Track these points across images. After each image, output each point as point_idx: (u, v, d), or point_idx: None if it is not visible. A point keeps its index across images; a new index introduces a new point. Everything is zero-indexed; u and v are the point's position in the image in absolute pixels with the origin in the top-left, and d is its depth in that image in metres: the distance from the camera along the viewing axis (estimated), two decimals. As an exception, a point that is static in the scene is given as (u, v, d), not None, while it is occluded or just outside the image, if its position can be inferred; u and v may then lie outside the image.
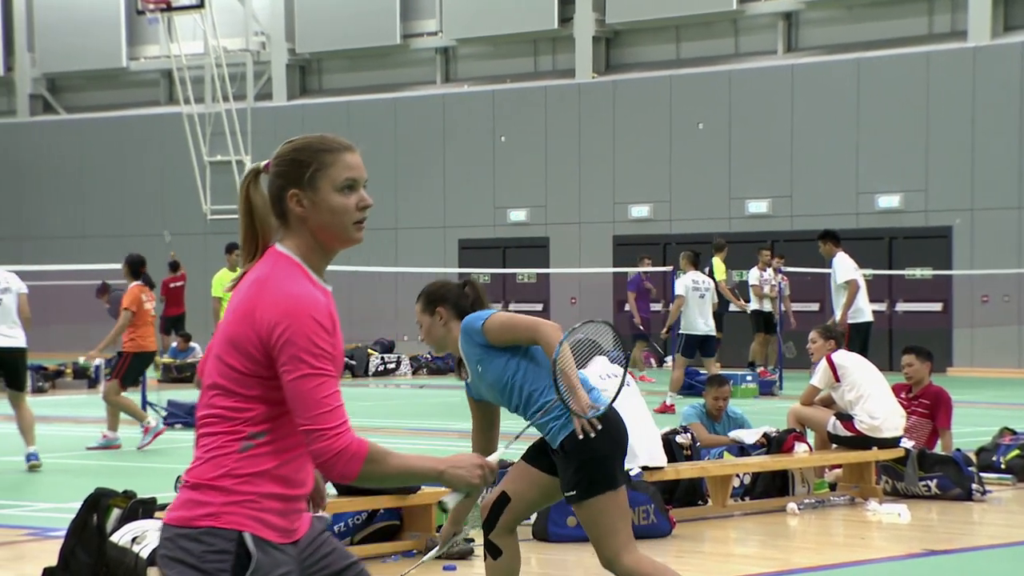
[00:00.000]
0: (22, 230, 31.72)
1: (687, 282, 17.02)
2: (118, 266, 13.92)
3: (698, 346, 17.01)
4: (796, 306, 22.38)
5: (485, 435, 5.48)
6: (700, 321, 16.90)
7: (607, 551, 5.26)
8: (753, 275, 21.52)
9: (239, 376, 3.15)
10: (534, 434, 5.30)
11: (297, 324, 3.10)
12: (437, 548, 5.05)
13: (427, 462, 3.24)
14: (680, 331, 17.03)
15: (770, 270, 21.44)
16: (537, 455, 5.51)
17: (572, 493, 5.26)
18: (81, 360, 20.08)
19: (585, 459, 5.22)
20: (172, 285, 24.78)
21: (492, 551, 5.52)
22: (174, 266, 24.33)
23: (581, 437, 5.09)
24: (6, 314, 11.73)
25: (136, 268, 13.33)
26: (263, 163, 3.32)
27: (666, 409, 15.98)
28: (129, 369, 13.16)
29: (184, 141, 29.53)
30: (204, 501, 3.12)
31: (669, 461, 8.87)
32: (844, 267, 15.60)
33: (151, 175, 31.15)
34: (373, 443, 3.19)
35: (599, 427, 5.06)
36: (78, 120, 32.63)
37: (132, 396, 13.84)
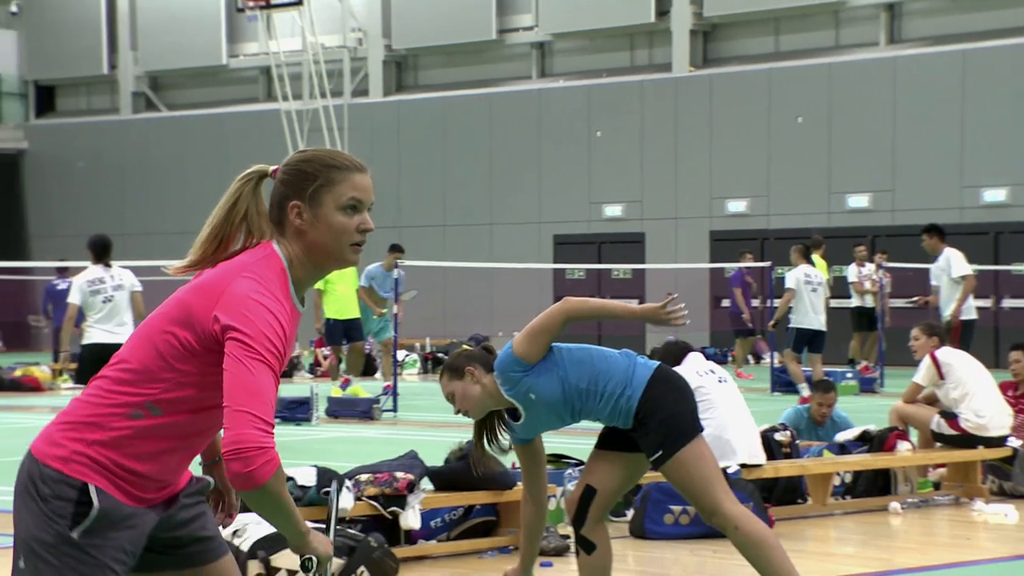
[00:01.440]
0: (126, 227, 32.23)
1: (799, 275, 16.77)
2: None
3: (807, 341, 16.77)
4: (896, 302, 22.00)
5: (537, 474, 5.46)
6: (813, 316, 16.66)
7: (707, 501, 5.22)
8: (852, 272, 21.20)
9: (176, 344, 3.06)
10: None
11: (259, 315, 3.02)
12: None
13: (299, 517, 3.17)
14: (791, 325, 16.79)
15: (870, 265, 21.09)
16: (607, 440, 5.45)
17: (659, 455, 5.20)
18: None
19: (661, 418, 5.20)
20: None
21: (585, 546, 5.44)
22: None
23: (684, 323, 5.08)
24: (115, 311, 11.77)
25: None
26: (271, 168, 3.23)
27: (805, 401, 15.79)
28: None
29: (282, 138, 29.77)
30: (62, 443, 3.06)
31: (768, 459, 8.74)
32: (960, 262, 15.25)
33: (250, 171, 31.45)
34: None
35: (683, 306, 5.10)
36: (179, 117, 33.07)
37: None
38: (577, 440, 8.18)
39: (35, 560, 3.04)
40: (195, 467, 3.45)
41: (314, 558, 3.28)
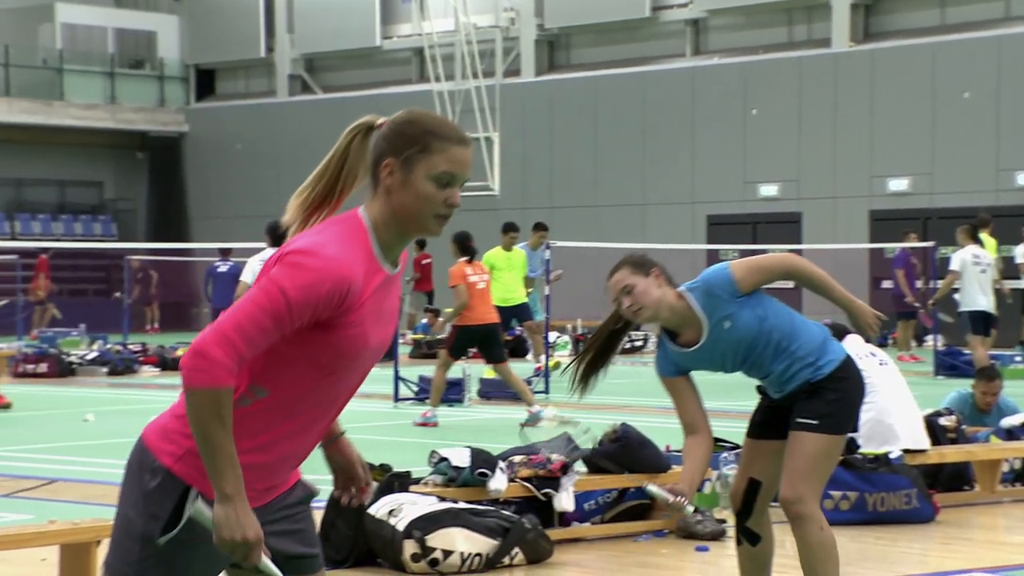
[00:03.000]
0: (281, 208, 32.66)
1: (966, 256, 16.27)
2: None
3: (976, 322, 16.27)
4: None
5: (693, 405, 5.07)
6: (981, 297, 16.15)
7: (799, 490, 5.02)
8: (1019, 252, 20.52)
9: None
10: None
11: (296, 263, 2.93)
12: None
13: (235, 474, 2.88)
14: (960, 309, 16.29)
15: (1040, 245, 20.39)
16: (763, 428, 5.25)
17: (815, 422, 5.01)
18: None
19: (839, 398, 5.04)
20: (423, 262, 25.22)
21: (751, 537, 5.26)
22: (422, 244, 24.74)
23: (874, 335, 4.95)
24: None
25: (463, 244, 13.37)
26: (379, 120, 3.15)
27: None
28: (456, 342, 13.12)
29: (435, 119, 29.93)
30: (174, 438, 2.98)
31: (932, 444, 8.48)
32: None
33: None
34: (235, 404, 2.88)
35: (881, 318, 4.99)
36: (334, 99, 33.48)
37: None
38: (732, 424, 8.01)
39: (122, 543, 3.03)
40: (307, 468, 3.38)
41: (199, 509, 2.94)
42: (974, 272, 16.19)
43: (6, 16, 34.61)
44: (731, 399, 9.82)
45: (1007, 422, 9.51)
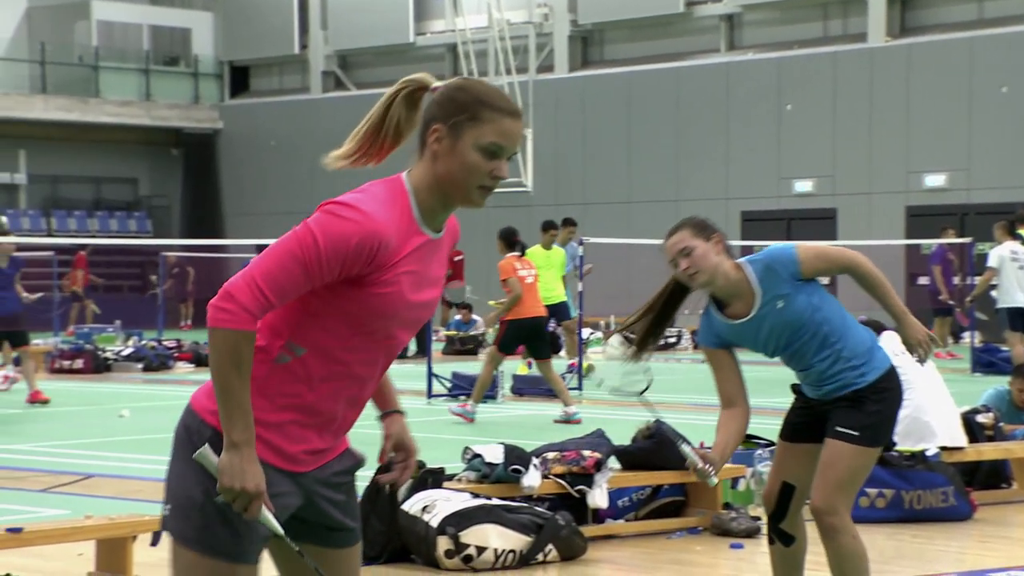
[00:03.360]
0: (315, 205, 32.69)
1: (1004, 252, 16.13)
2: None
3: (1015, 319, 16.13)
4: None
5: (740, 380, 4.96)
6: (1019, 294, 16.01)
7: (832, 501, 4.95)
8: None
9: None
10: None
11: (330, 212, 2.94)
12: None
13: (245, 422, 2.87)
14: (998, 305, 16.16)
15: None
16: (798, 430, 5.13)
17: (855, 433, 4.91)
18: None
19: (880, 410, 4.94)
20: (455, 259, 25.20)
21: (784, 539, 5.18)
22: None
23: (923, 361, 4.90)
24: None
25: (510, 239, 13.37)
26: (433, 83, 3.10)
27: None
28: (505, 336, 13.10)
29: (468, 115, 29.97)
30: None
31: (970, 441, 8.41)
32: None
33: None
34: (255, 345, 2.88)
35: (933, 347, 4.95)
36: (367, 96, 33.48)
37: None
38: (767, 420, 7.98)
39: (180, 513, 3.02)
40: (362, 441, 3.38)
41: (203, 453, 2.93)
42: (1012, 268, 16.05)
43: (43, 14, 34.83)
44: (766, 396, 9.78)
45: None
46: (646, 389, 4.95)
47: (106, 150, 35.06)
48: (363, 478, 3.48)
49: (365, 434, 3.75)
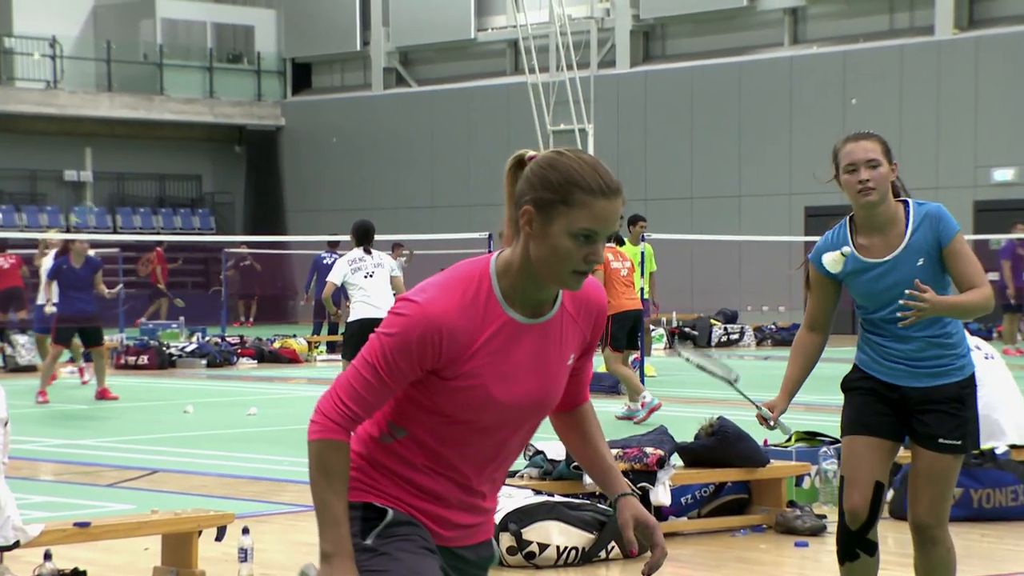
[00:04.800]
0: (376, 202, 32.96)
1: None
2: (468, 235, 14.07)
3: None
4: None
5: (832, 311, 4.77)
6: None
7: (940, 514, 4.81)
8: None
9: None
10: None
11: (394, 310, 2.87)
12: None
13: (336, 533, 2.85)
14: None
15: None
16: (880, 426, 4.81)
17: (958, 443, 4.75)
18: None
19: (974, 414, 4.80)
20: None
21: (868, 548, 4.85)
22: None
23: None
24: (377, 288, 11.78)
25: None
26: (528, 154, 2.92)
27: None
28: (614, 336, 12.91)
29: (528, 111, 29.90)
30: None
31: (1041, 440, 8.29)
32: None
33: (498, 145, 31.76)
34: (348, 460, 2.86)
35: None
36: (428, 92, 33.59)
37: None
38: (829, 418, 7.89)
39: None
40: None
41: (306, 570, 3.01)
42: (1079, 265, 15.84)
43: (108, 12, 35.20)
44: (829, 393, 9.69)
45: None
46: (737, 379, 4.81)
47: (170, 147, 35.37)
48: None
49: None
